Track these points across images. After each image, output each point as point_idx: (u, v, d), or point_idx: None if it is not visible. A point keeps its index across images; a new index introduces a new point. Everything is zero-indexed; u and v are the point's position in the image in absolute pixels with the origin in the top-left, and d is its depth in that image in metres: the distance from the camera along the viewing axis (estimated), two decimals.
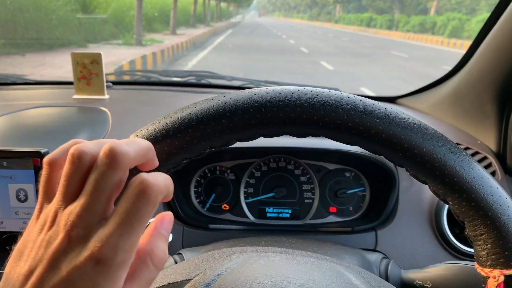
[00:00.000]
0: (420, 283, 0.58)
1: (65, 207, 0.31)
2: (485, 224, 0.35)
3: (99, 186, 0.30)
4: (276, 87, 0.38)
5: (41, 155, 0.69)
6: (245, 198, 0.89)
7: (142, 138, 0.37)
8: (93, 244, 0.29)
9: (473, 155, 0.91)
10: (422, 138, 0.36)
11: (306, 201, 0.89)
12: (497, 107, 0.91)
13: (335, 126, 0.37)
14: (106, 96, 1.20)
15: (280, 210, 0.89)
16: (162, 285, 0.44)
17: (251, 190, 0.89)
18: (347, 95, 0.38)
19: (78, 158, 0.31)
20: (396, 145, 0.36)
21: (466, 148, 0.91)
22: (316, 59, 10.95)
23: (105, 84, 1.19)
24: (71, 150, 0.31)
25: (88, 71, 1.18)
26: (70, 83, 1.34)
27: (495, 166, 0.89)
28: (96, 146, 0.32)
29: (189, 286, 0.41)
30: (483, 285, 0.36)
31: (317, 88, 0.38)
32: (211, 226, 0.83)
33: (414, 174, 0.38)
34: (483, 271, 0.36)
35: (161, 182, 0.30)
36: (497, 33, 0.85)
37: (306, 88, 0.38)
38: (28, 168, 0.70)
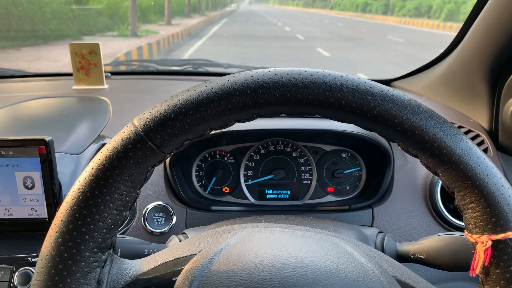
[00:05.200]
0: (415, 254, 0.60)
1: None
2: (473, 193, 0.37)
3: None
4: (272, 69, 0.40)
5: (46, 143, 0.71)
6: (245, 180, 0.91)
7: (144, 121, 0.39)
8: None
9: (466, 133, 0.93)
10: (412, 113, 0.38)
11: (304, 182, 0.91)
12: (488, 86, 0.93)
13: (329, 104, 0.39)
14: (105, 86, 1.21)
15: (279, 191, 0.91)
16: (169, 260, 0.46)
17: (250, 172, 0.91)
18: (340, 74, 0.39)
19: None
20: (387, 121, 0.38)
21: (459, 127, 0.94)
22: (312, 45, 10.89)
23: (104, 74, 1.21)
24: None
25: (86, 62, 1.19)
26: (69, 74, 1.35)
27: (487, 143, 0.91)
28: None
29: (195, 260, 0.43)
30: (472, 251, 0.38)
31: (311, 69, 0.40)
32: (213, 207, 0.86)
33: (405, 148, 0.40)
34: (472, 238, 0.38)
35: None
36: (487, 14, 0.87)
37: (301, 68, 0.40)
38: (34, 156, 0.72)
